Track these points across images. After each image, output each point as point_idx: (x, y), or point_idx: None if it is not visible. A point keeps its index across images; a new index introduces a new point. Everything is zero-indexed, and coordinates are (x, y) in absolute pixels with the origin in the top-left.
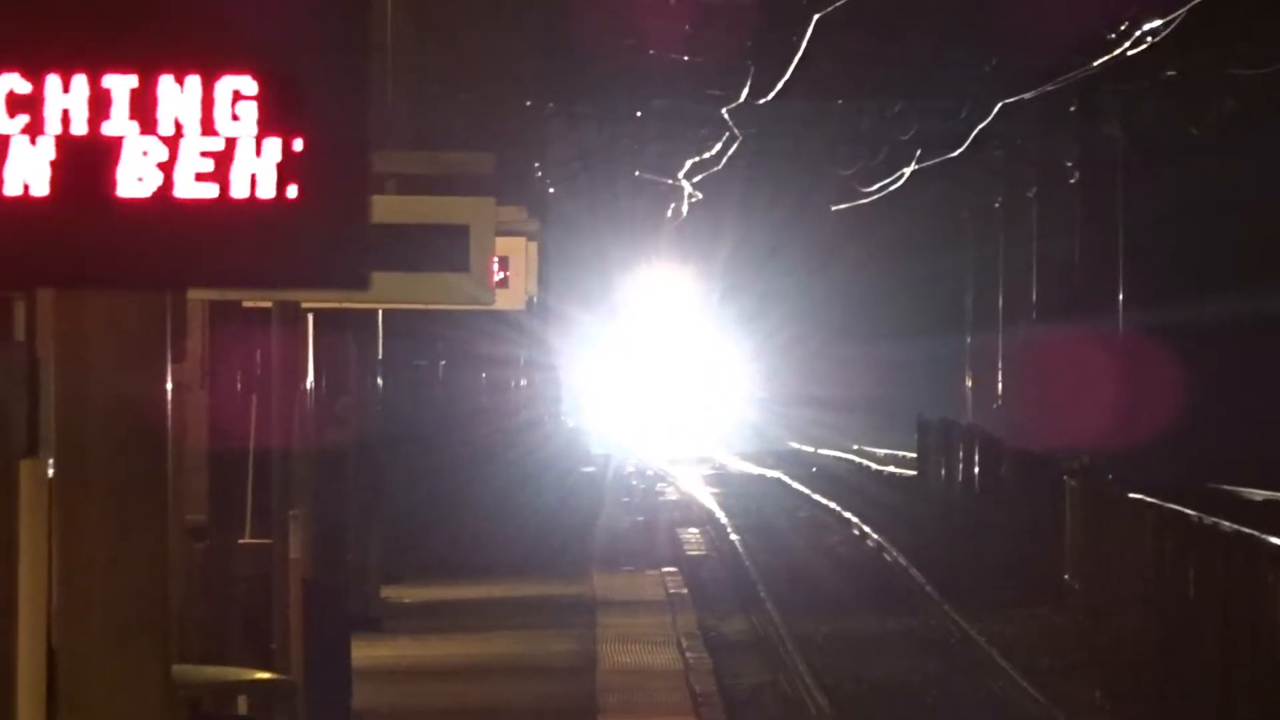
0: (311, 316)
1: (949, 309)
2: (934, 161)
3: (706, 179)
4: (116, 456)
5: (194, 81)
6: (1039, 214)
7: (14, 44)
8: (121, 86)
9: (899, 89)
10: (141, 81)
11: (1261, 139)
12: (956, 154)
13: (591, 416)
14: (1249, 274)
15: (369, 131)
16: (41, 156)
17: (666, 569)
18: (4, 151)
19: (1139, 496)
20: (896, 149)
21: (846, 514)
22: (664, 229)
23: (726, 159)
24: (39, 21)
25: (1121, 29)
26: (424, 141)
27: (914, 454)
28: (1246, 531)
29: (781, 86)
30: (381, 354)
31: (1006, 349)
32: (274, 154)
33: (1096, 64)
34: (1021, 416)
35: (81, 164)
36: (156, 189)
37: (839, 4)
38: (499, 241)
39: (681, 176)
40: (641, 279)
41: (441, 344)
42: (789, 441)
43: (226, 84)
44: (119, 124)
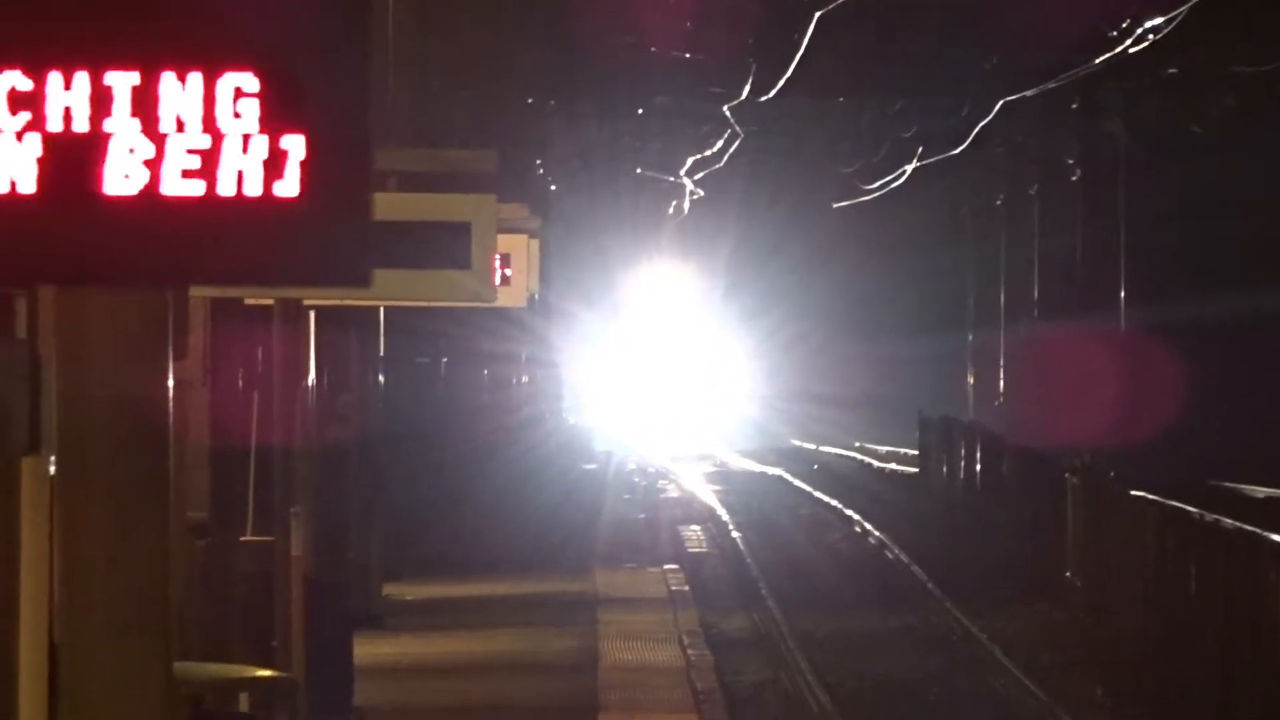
0: (313, 313)
1: (950, 306)
2: (935, 159)
3: (708, 176)
4: (118, 454)
5: (195, 79)
6: (1040, 211)
7: (15, 41)
8: (123, 84)
9: (900, 86)
10: (143, 79)
11: (1263, 136)
12: (958, 151)
13: (593, 414)
14: (1250, 271)
15: (371, 129)
16: (28, 154)
17: (668, 566)
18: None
19: (1140, 494)
20: (898, 146)
21: (848, 511)
22: (665, 226)
23: (728, 156)
24: (40, 19)
25: (1123, 26)
26: (425, 139)
27: (915, 451)
28: (1248, 529)
29: (783, 84)
30: (383, 351)
31: (1008, 346)
32: (275, 151)
33: (1098, 61)
34: (1023, 414)
35: (77, 160)
36: (155, 187)
37: (840, 1)
38: (501, 239)
39: (683, 174)
40: (643, 276)
41: (443, 341)
42: (790, 439)
43: (228, 81)
44: (120, 121)
